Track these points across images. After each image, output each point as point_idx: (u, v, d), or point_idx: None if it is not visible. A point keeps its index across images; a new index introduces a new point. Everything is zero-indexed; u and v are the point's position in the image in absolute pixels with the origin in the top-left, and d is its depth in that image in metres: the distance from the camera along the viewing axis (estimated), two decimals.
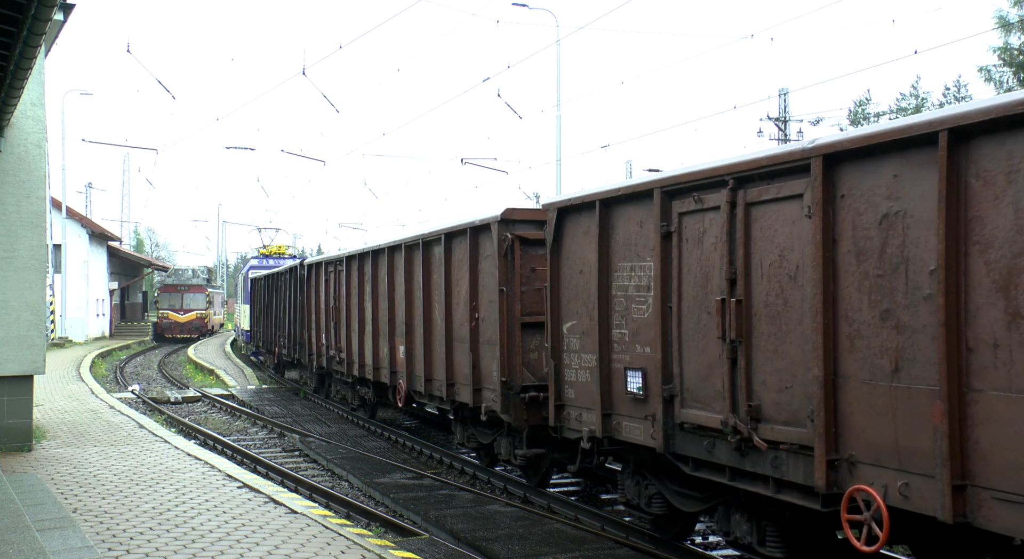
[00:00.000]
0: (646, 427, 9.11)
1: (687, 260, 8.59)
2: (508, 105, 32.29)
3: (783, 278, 7.44)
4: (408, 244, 15.17)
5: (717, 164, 8.18)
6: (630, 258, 9.42)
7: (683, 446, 8.66)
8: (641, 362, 9.21)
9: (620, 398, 9.56)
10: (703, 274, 8.37)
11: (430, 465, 15.50)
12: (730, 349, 7.91)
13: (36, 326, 13.39)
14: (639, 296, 9.27)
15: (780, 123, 56.40)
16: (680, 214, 8.66)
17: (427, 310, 14.41)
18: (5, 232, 13.18)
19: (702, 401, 8.36)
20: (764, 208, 7.65)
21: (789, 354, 7.37)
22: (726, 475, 8.19)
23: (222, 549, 8.11)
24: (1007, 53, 41.72)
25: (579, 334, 10.29)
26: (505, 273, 11.90)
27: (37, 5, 8.06)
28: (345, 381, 20.65)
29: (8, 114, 12.17)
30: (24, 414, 13.36)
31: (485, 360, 12.48)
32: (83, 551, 7.73)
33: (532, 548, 9.75)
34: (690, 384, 8.53)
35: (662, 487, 9.59)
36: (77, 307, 48.55)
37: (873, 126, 6.77)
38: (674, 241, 8.73)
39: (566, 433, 10.58)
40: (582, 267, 10.23)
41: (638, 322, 9.27)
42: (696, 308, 8.44)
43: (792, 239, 7.35)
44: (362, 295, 18.05)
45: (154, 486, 10.91)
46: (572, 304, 10.43)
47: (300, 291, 24.10)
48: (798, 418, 7.26)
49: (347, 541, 8.55)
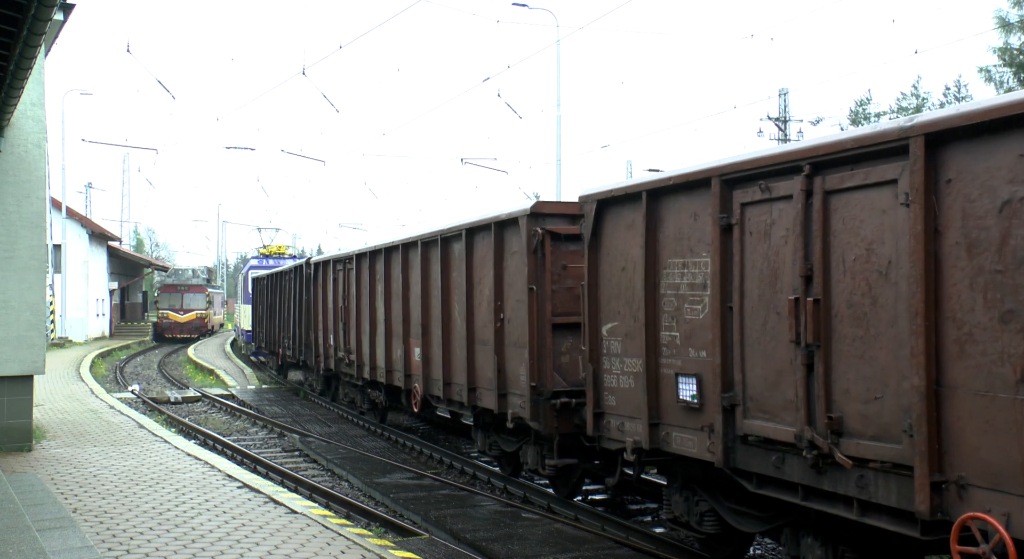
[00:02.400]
0: (701, 439, 8.16)
1: (751, 255, 7.64)
2: (508, 105, 31.81)
3: (871, 275, 6.50)
4: (425, 240, 14.18)
5: (790, 148, 7.24)
6: (682, 254, 8.47)
7: (746, 461, 7.71)
8: (695, 368, 8.26)
9: (670, 406, 8.62)
10: (771, 271, 7.43)
11: (430, 465, 15.14)
12: (805, 354, 6.96)
13: (36, 326, 13.24)
14: (693, 295, 8.32)
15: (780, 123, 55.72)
16: (743, 205, 7.72)
17: (446, 310, 13.44)
18: (5, 232, 13.04)
19: (769, 411, 7.41)
20: (847, 196, 6.70)
21: (879, 360, 6.42)
22: (798, 494, 7.25)
23: (222, 549, 7.99)
24: (1007, 53, 41.18)
25: (621, 337, 9.34)
26: (535, 271, 10.93)
27: (37, 5, 7.96)
28: (354, 384, 19.63)
29: (8, 114, 12.02)
30: (24, 414, 13.21)
31: (511, 363, 11.51)
32: (83, 551, 7.64)
33: (532, 548, 9.55)
34: (755, 392, 7.58)
35: (716, 504, 8.64)
36: (77, 307, 47.95)
37: (987, 100, 5.83)
38: (735, 234, 7.78)
39: (606, 443, 9.63)
40: (624, 264, 9.28)
41: (691, 324, 8.33)
42: (762, 308, 7.49)
43: (882, 230, 6.41)
44: (373, 294, 17.04)
45: (154, 486, 10.71)
46: (613, 304, 9.48)
47: (306, 291, 23.08)
48: (891, 433, 6.31)
49: (347, 541, 8.43)
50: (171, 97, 30.36)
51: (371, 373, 17.34)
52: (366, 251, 17.42)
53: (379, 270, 16.59)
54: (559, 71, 34.49)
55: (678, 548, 9.53)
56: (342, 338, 19.30)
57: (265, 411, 22.28)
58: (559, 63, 33.78)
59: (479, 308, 12.37)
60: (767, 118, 55.54)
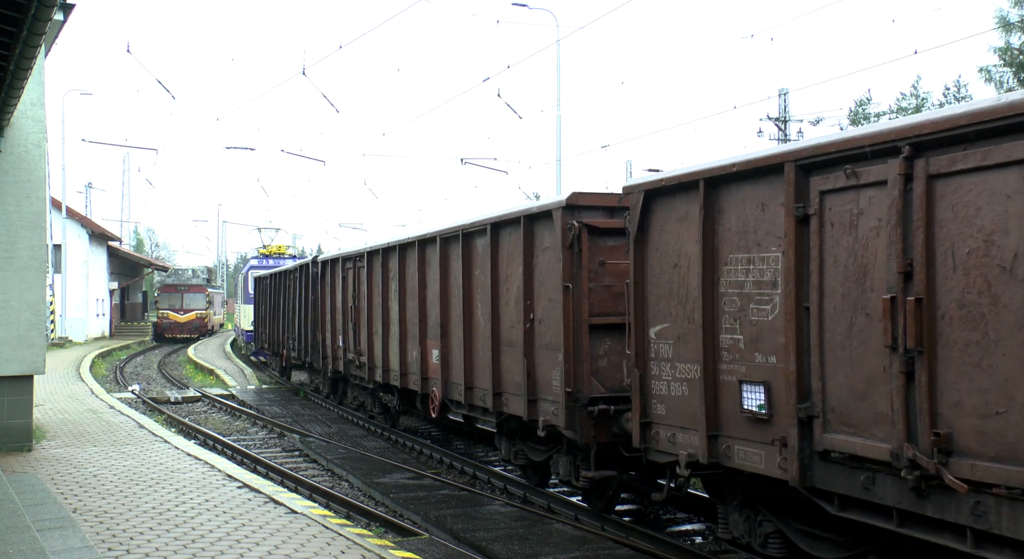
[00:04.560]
0: (770, 454, 7.21)
1: (833, 249, 6.69)
2: (508, 105, 31.08)
3: (991, 270, 5.55)
4: (444, 236, 13.19)
5: (884, 128, 6.29)
6: (747, 248, 7.52)
7: (826, 479, 6.76)
8: (763, 374, 7.31)
9: (731, 417, 7.66)
10: (858, 267, 6.48)
11: (430, 465, 14.82)
12: (904, 361, 6.01)
13: (36, 326, 13.12)
14: (760, 294, 7.37)
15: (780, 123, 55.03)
16: (822, 192, 6.76)
17: (467, 310, 12.45)
18: (5, 232, 12.94)
19: (856, 425, 6.46)
20: (958, 181, 5.76)
21: (1001, 369, 5.47)
22: (892, 519, 6.30)
23: (222, 549, 7.87)
24: (1007, 53, 40.69)
25: (672, 339, 8.38)
26: (570, 267, 9.96)
27: (37, 5, 7.89)
28: (364, 387, 18.61)
29: (8, 114, 11.92)
30: (24, 414, 13.11)
31: (543, 367, 10.55)
32: (83, 551, 7.57)
33: (532, 548, 9.39)
34: (838, 403, 6.63)
35: (783, 525, 7.69)
36: (77, 307, 47.41)
37: None
38: (813, 226, 6.83)
39: (654, 456, 8.67)
40: (677, 260, 8.32)
41: (758, 326, 7.37)
42: (848, 309, 6.54)
43: (1006, 219, 5.46)
44: (386, 293, 16.03)
45: (154, 486, 10.57)
46: (663, 304, 8.53)
47: (313, 290, 22.04)
48: (1018, 454, 5.36)
49: (347, 541, 8.31)
50: (171, 97, 29.58)
51: (384, 376, 16.33)
52: (379, 248, 16.40)
53: (393, 268, 15.59)
54: (559, 71, 33.59)
55: (679, 548, 9.26)
56: (352, 339, 18.28)
57: (265, 411, 21.94)
58: (559, 63, 32.87)
59: (506, 308, 11.40)
60: (767, 118, 54.83)
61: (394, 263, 15.48)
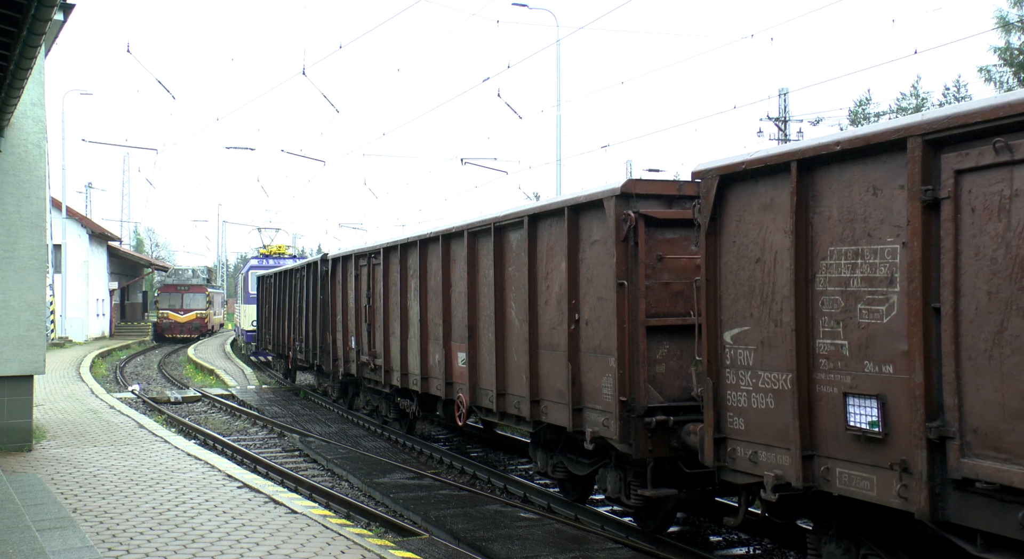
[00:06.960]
0: (884, 479, 6.01)
1: (974, 239, 5.50)
2: (508, 105, 30.15)
3: None
4: (472, 230, 11.96)
5: None
6: (853, 239, 6.33)
7: (964, 514, 5.57)
8: (875, 386, 6.12)
9: (832, 435, 6.47)
10: (1010, 259, 5.29)
11: (430, 465, 14.53)
12: None
13: (36, 326, 12.99)
14: (872, 293, 6.17)
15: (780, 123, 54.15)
16: (958, 172, 5.57)
17: (499, 310, 11.24)
18: (5, 232, 12.83)
19: (1009, 450, 5.27)
20: None
21: None
22: None
23: (222, 549, 7.74)
24: (1007, 53, 39.95)
25: (754, 345, 7.19)
26: (625, 263, 8.75)
27: (37, 5, 7.83)
28: (379, 391, 17.33)
29: (8, 114, 11.81)
30: (24, 414, 12.99)
31: (590, 373, 9.34)
32: (83, 551, 7.49)
33: (532, 548, 9.24)
34: (981, 423, 5.44)
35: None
36: (77, 307, 46.47)
37: None
38: (945, 212, 5.64)
39: (730, 476, 7.47)
40: (760, 254, 7.13)
41: (869, 329, 6.18)
42: (996, 310, 5.35)
43: None
44: (405, 292, 14.78)
45: (154, 486, 10.42)
46: (741, 304, 7.33)
47: (322, 289, 20.74)
48: None
49: (347, 541, 8.17)
50: (171, 97, 28.52)
51: (401, 380, 15.08)
52: (396, 244, 15.14)
53: (413, 264, 14.35)
54: (559, 71, 32.65)
55: (679, 548, 9.03)
56: (366, 341, 17.02)
57: (265, 411, 21.54)
58: (559, 63, 31.91)
59: (546, 308, 10.19)
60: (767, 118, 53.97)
61: (414, 260, 14.25)
